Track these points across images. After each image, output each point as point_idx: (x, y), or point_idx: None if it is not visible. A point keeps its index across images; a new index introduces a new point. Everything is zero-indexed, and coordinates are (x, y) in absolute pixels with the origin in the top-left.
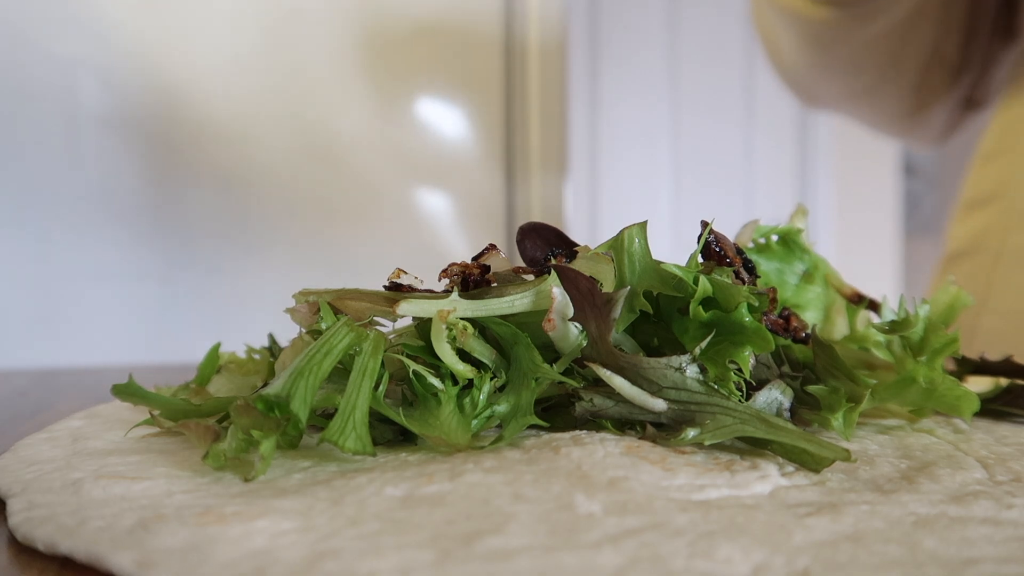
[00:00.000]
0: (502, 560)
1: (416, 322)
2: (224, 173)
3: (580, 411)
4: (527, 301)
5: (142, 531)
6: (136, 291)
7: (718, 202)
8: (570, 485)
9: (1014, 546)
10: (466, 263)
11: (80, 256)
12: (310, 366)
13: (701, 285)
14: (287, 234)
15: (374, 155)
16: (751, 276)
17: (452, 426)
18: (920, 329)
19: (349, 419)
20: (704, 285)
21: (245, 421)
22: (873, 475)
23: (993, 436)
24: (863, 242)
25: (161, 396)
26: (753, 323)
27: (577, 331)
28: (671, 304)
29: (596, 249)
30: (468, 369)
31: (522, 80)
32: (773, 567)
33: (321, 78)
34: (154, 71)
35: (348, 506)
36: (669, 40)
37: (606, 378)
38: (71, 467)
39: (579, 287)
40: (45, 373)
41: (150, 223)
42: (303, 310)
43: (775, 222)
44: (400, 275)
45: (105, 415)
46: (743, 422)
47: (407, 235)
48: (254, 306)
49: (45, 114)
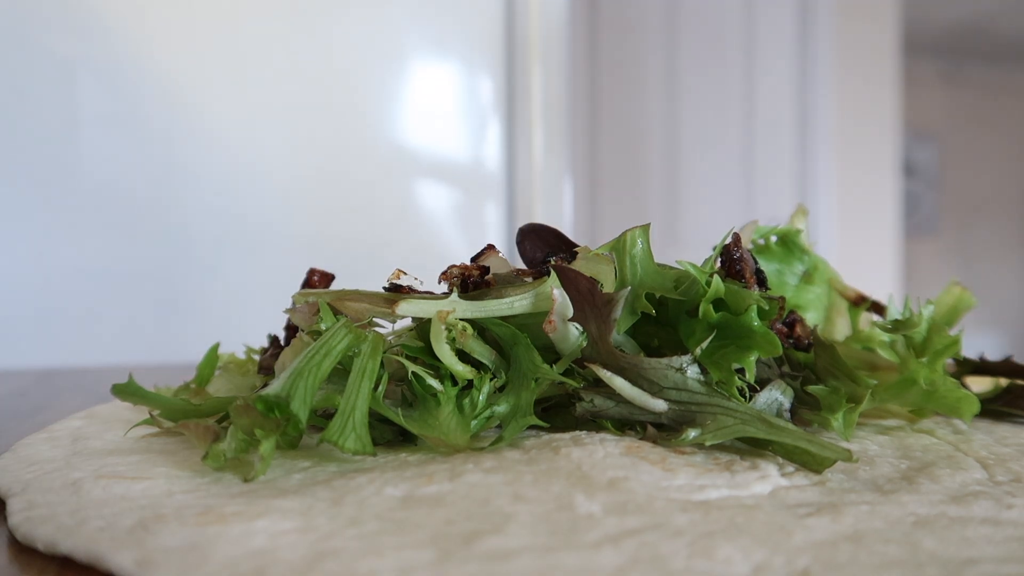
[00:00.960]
0: (502, 560)
1: (416, 323)
2: (224, 173)
3: (580, 411)
4: (527, 303)
5: (142, 531)
6: (136, 291)
7: (718, 202)
8: (570, 485)
9: (1014, 546)
10: (465, 265)
11: (80, 256)
12: (310, 367)
13: (714, 285)
14: (287, 234)
15: (374, 155)
16: (762, 289)
17: (451, 427)
18: (923, 329)
19: (349, 419)
20: (717, 285)
21: (245, 421)
22: (873, 475)
23: (993, 437)
24: (863, 242)
25: (161, 396)
26: (762, 327)
27: (577, 332)
28: (678, 307)
29: (597, 250)
30: (468, 370)
31: (523, 79)
32: (773, 567)
33: (321, 78)
34: (154, 71)
35: (348, 506)
36: (669, 40)
37: (606, 379)
38: (71, 467)
39: (579, 288)
40: (45, 373)
41: (150, 223)
42: (303, 310)
43: (775, 222)
44: (400, 276)
45: (105, 415)
46: (744, 423)
47: (407, 235)
48: (254, 306)
49: (45, 114)
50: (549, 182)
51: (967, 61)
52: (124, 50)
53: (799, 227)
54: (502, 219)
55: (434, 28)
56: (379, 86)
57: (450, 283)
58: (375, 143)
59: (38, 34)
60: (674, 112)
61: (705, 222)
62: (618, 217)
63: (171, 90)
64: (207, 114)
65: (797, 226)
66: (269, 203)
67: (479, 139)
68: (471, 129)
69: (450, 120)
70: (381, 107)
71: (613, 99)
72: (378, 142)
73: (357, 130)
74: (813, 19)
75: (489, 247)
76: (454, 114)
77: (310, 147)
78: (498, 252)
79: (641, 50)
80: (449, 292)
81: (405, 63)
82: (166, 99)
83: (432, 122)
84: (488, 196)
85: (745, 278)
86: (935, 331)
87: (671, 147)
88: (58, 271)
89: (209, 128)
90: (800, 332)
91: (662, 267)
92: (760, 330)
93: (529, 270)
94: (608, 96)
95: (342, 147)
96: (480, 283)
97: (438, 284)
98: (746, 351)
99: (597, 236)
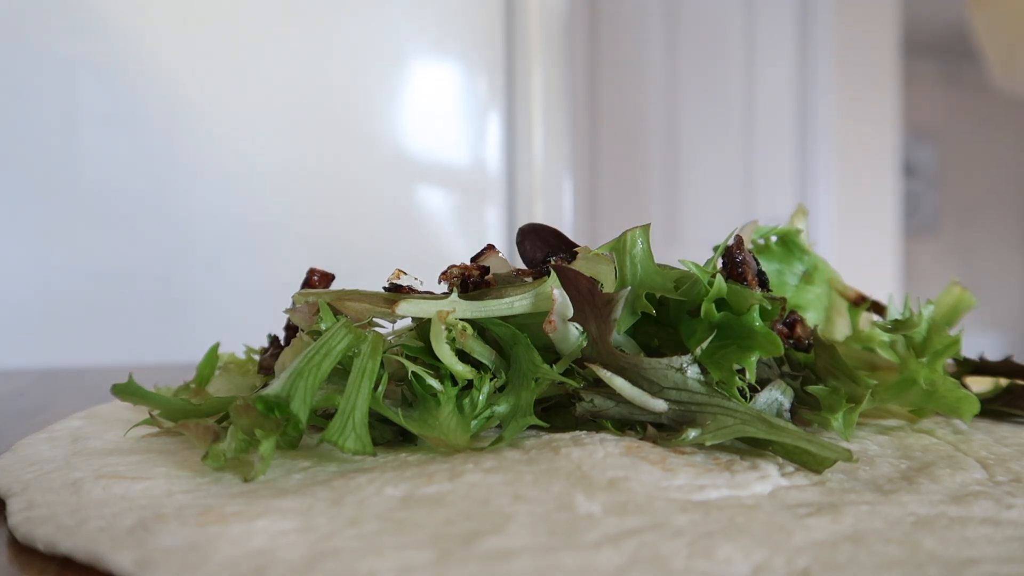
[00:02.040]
0: (502, 560)
1: (416, 323)
2: (224, 173)
3: (581, 411)
4: (527, 303)
5: (142, 531)
6: (136, 291)
7: (718, 202)
8: (570, 485)
9: (1014, 546)
10: (465, 265)
11: (80, 256)
12: (309, 367)
13: (716, 285)
14: (287, 234)
15: (374, 154)
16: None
17: (451, 427)
18: (923, 329)
19: (349, 419)
20: (719, 285)
21: (245, 421)
22: (873, 475)
23: (993, 437)
24: (863, 242)
25: (161, 396)
26: (763, 328)
27: (577, 332)
28: (679, 307)
29: (597, 250)
30: (468, 370)
31: (523, 79)
32: (773, 567)
33: (321, 78)
34: (154, 71)
35: (348, 506)
36: (669, 40)
37: (606, 379)
38: (71, 467)
39: (579, 288)
40: (45, 373)
41: (150, 223)
42: (303, 310)
43: (775, 222)
44: (400, 276)
45: (105, 415)
46: (744, 423)
47: (407, 234)
48: (254, 306)
49: (45, 114)
50: (549, 182)
51: (967, 61)
52: (124, 50)
53: (799, 227)
54: (502, 219)
55: (434, 28)
56: (379, 86)
57: (450, 283)
58: (375, 143)
59: (38, 34)
60: (674, 112)
61: (705, 222)
62: (618, 217)
63: (171, 90)
64: (207, 114)
65: (797, 226)
66: (269, 203)
67: (479, 139)
68: (471, 129)
69: (450, 120)
70: (381, 107)
71: (613, 99)
72: (378, 142)
73: (357, 130)
74: (813, 19)
75: (489, 247)
76: (454, 114)
77: (310, 146)
78: (498, 252)
79: (641, 50)
80: (449, 292)
81: (405, 63)
82: (166, 99)
83: (432, 122)
84: (488, 196)
85: (747, 280)
86: (935, 331)
87: (671, 147)
88: (58, 271)
89: (209, 128)
90: (800, 332)
91: (662, 267)
92: (762, 330)
93: (529, 270)
94: (608, 96)
95: (342, 147)
96: (480, 283)
97: (438, 284)
98: (747, 351)
99: (597, 236)
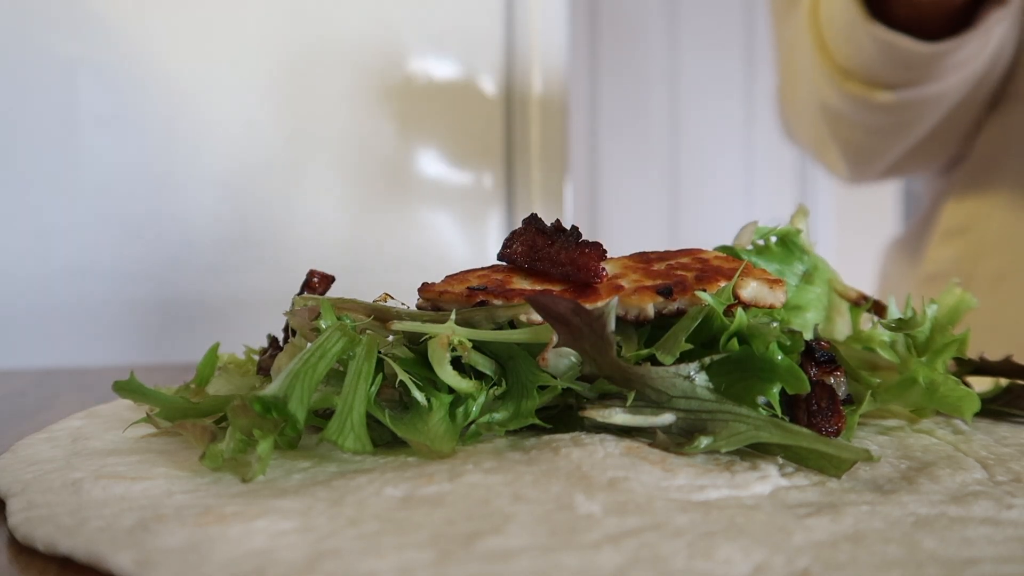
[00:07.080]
0: (502, 560)
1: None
2: (224, 173)
3: (589, 424)
4: (523, 335)
5: (142, 531)
6: (136, 291)
7: (718, 202)
8: (570, 485)
9: (1014, 546)
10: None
11: (80, 256)
12: (306, 368)
13: (737, 319)
14: (286, 234)
15: (374, 155)
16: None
17: (438, 433)
18: (927, 328)
19: (347, 419)
20: (740, 319)
21: (243, 422)
22: (873, 475)
23: (993, 437)
24: (863, 242)
25: (162, 393)
26: (787, 361)
27: (569, 360)
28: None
29: None
30: (471, 385)
31: (522, 79)
32: (773, 567)
33: (321, 77)
34: (154, 71)
35: (348, 506)
36: (670, 40)
37: (604, 417)
38: (71, 467)
39: (559, 313)
40: (45, 373)
41: (150, 223)
42: (301, 313)
43: (775, 222)
44: (386, 299)
45: (105, 415)
46: (758, 428)
47: (407, 236)
48: (254, 307)
49: (45, 114)
50: (549, 182)
51: None
52: (125, 50)
53: (799, 227)
54: (502, 219)
55: (434, 27)
56: (379, 85)
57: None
58: (375, 143)
59: (39, 34)
60: (674, 112)
61: (705, 222)
62: (618, 217)
63: (171, 90)
64: (207, 114)
65: (797, 226)
66: (269, 203)
67: (479, 139)
68: (471, 129)
69: (450, 120)
70: (381, 107)
71: (613, 99)
72: (378, 142)
73: (357, 130)
74: None
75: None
76: (454, 113)
77: (310, 147)
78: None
79: (641, 50)
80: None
81: (405, 63)
82: (166, 99)
83: (432, 122)
84: (488, 197)
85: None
86: (938, 330)
87: (671, 147)
88: (58, 271)
89: (209, 128)
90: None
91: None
92: (785, 364)
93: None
94: (608, 96)
95: (342, 147)
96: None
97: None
98: (768, 384)
99: (597, 236)
